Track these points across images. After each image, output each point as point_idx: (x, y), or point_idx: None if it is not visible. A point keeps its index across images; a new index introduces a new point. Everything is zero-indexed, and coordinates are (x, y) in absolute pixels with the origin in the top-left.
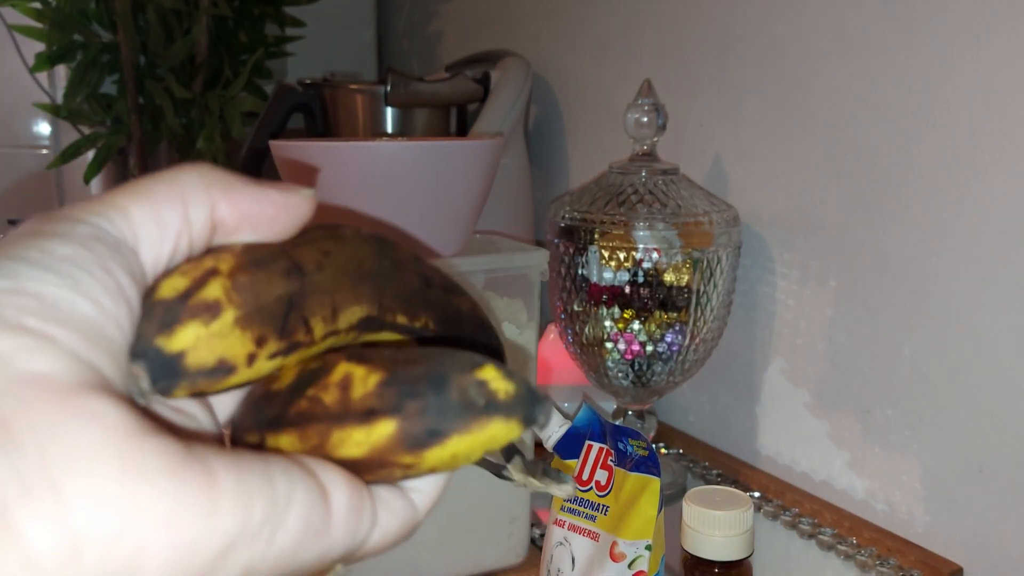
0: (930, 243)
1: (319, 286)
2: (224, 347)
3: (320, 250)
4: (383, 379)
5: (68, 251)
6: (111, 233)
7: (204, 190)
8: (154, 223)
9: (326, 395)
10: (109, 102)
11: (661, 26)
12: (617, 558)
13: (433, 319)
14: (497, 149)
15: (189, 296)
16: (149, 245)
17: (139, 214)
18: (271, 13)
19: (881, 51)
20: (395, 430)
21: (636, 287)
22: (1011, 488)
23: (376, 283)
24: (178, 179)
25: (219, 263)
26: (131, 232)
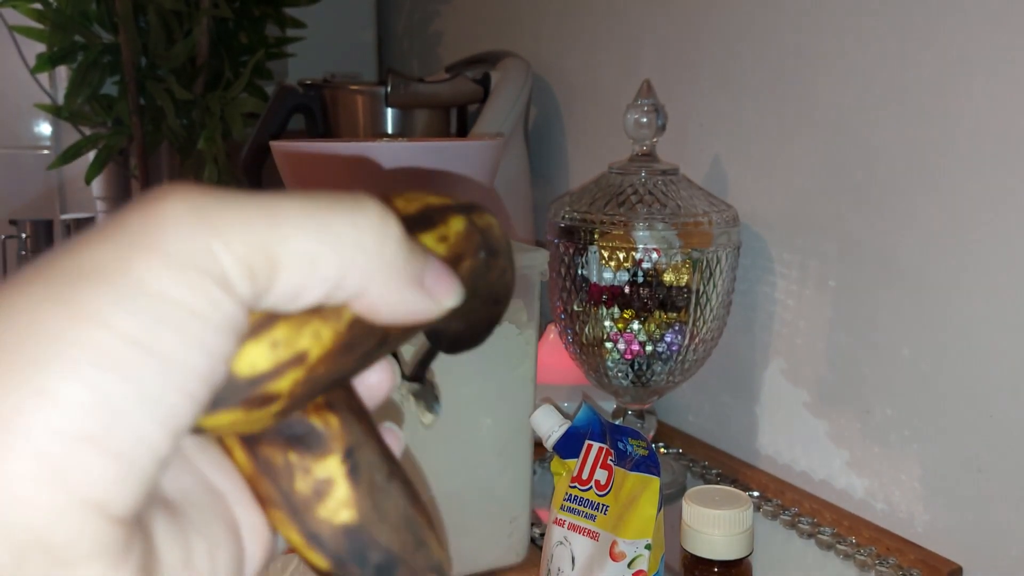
0: (930, 243)
1: (385, 353)
2: (248, 428)
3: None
4: (349, 524)
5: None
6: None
7: (368, 276)
8: (295, 291)
9: (300, 479)
10: (110, 103)
11: (661, 27)
12: (617, 557)
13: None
14: (497, 150)
15: (258, 384)
16: (274, 303)
17: (286, 281)
18: (271, 14)
19: (880, 51)
20: (324, 567)
21: (636, 287)
22: (1010, 487)
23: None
24: (349, 249)
25: (315, 344)
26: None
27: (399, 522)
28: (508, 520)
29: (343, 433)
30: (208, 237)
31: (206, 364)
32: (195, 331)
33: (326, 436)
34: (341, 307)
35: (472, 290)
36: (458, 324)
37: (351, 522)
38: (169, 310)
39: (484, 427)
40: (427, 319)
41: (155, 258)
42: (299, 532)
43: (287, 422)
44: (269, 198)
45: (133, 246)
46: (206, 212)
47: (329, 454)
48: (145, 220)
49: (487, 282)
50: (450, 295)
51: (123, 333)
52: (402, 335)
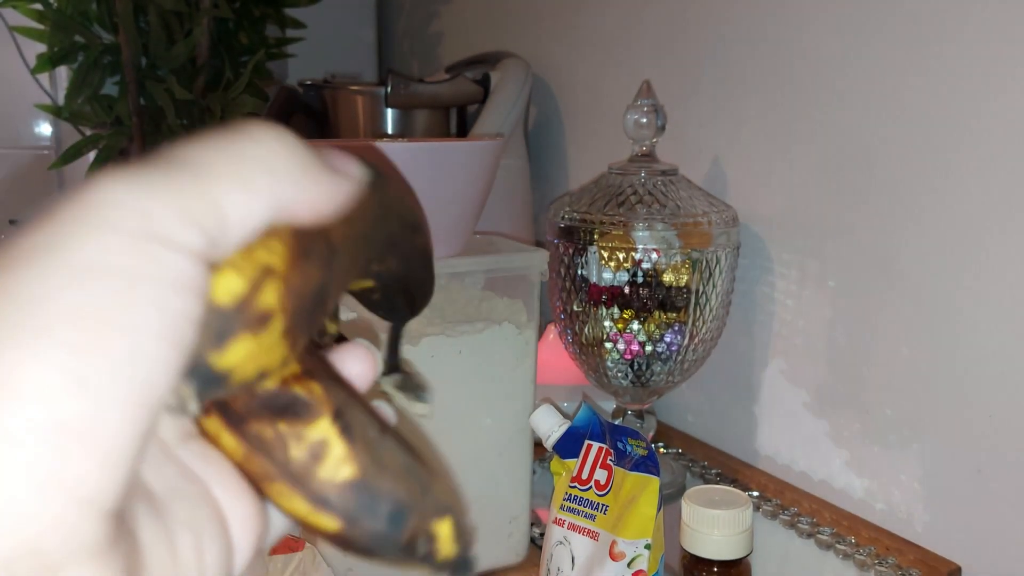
0: (929, 243)
1: (342, 265)
2: (267, 359)
3: (345, 218)
4: (353, 479)
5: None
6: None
7: (295, 179)
8: (244, 221)
9: (294, 447)
10: (110, 103)
11: (660, 27)
12: (617, 557)
13: (395, 263)
14: (497, 150)
15: (246, 304)
16: (230, 244)
17: (233, 213)
18: (272, 15)
19: (880, 52)
20: (336, 531)
21: (635, 287)
22: (1009, 488)
23: (374, 246)
24: (270, 163)
25: (273, 256)
26: (219, 234)
27: (401, 471)
28: (508, 520)
29: (328, 397)
30: (144, 201)
31: (169, 325)
32: (152, 295)
33: (311, 402)
34: (276, 225)
35: (382, 208)
36: (394, 264)
37: (354, 477)
38: (121, 279)
39: (484, 427)
40: (350, 196)
41: (97, 232)
42: (304, 498)
43: (270, 395)
44: (183, 150)
45: (73, 225)
46: (136, 181)
47: (319, 417)
48: (80, 202)
49: (391, 201)
50: (356, 166)
51: (79, 310)
52: (344, 243)
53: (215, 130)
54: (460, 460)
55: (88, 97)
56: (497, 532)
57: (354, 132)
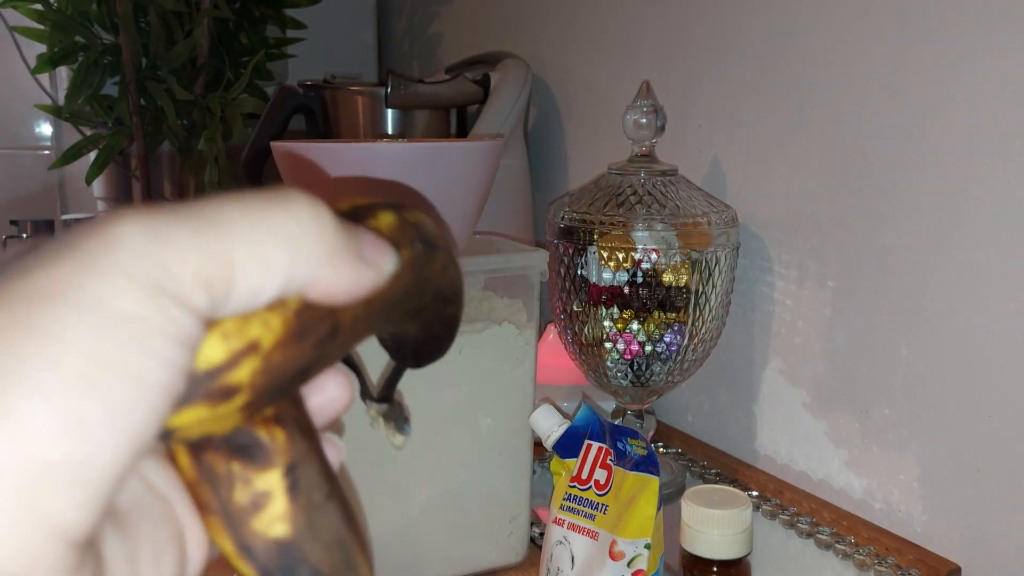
0: (928, 243)
1: (339, 347)
2: (216, 427)
3: (365, 301)
4: (282, 539)
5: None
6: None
7: (317, 263)
8: (253, 294)
9: (239, 489)
10: (111, 103)
11: (660, 28)
12: (616, 557)
13: (416, 328)
14: (497, 150)
15: (216, 376)
16: (230, 310)
17: (243, 284)
18: (272, 15)
19: (879, 52)
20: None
21: (635, 287)
22: (1009, 487)
23: (392, 314)
24: (296, 242)
25: (266, 332)
26: (224, 299)
27: (332, 542)
28: (508, 520)
29: (288, 448)
30: (162, 254)
31: (168, 378)
32: (158, 347)
33: (270, 449)
34: (285, 297)
35: (418, 284)
36: (414, 328)
37: (284, 537)
38: (132, 328)
39: (484, 427)
40: (371, 288)
41: (113, 277)
42: (232, 542)
43: (233, 432)
44: (212, 207)
45: (90, 266)
46: (158, 230)
47: (271, 467)
48: (99, 241)
49: (430, 275)
50: (387, 259)
51: (88, 353)
52: (353, 323)
53: (252, 190)
54: (460, 460)
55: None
56: (497, 532)
57: (354, 132)
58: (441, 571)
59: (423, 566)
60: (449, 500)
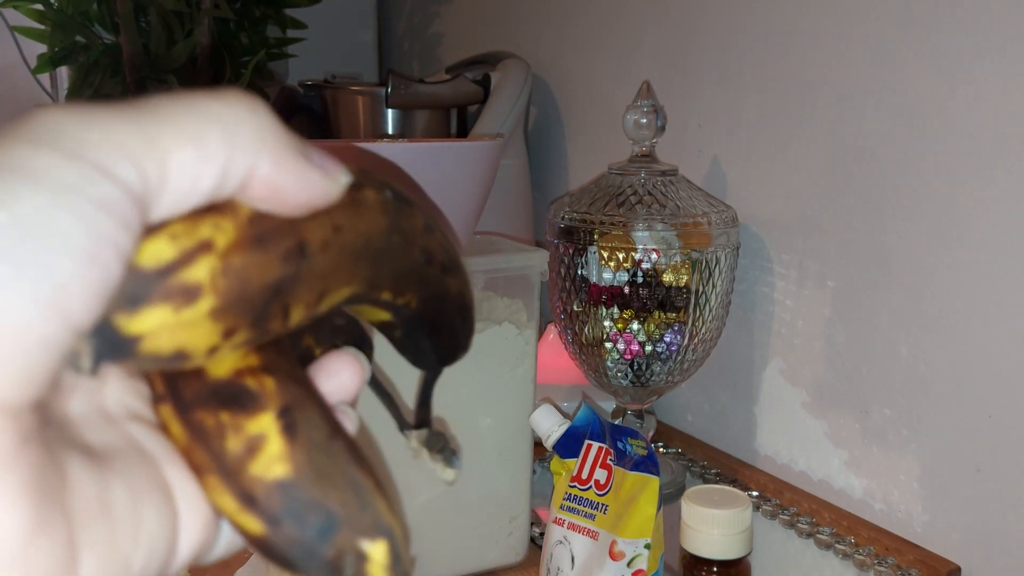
0: (928, 244)
1: (316, 270)
2: (187, 337)
3: (332, 224)
4: (284, 479)
5: (63, 222)
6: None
7: (255, 150)
8: (190, 178)
9: (231, 438)
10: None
11: (660, 28)
12: (616, 557)
13: (417, 297)
14: (497, 150)
15: (170, 272)
16: (171, 199)
17: (177, 165)
18: (272, 15)
19: (879, 53)
20: (259, 532)
21: (635, 287)
22: (1009, 487)
23: (376, 262)
24: (231, 126)
25: (218, 233)
26: (158, 182)
27: (340, 482)
28: (508, 519)
29: (278, 392)
30: (86, 129)
31: (91, 241)
32: (75, 206)
33: (259, 395)
34: (236, 204)
35: (395, 232)
36: (417, 301)
37: (285, 476)
38: (48, 186)
39: (484, 427)
40: (325, 197)
41: (30, 144)
42: (232, 494)
43: (219, 383)
44: (148, 101)
45: (10, 137)
46: (85, 112)
47: (262, 410)
48: (24, 121)
49: (409, 228)
50: (338, 169)
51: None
52: (323, 247)
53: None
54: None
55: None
56: (497, 532)
57: (354, 132)
58: (441, 571)
59: (423, 566)
60: (449, 500)
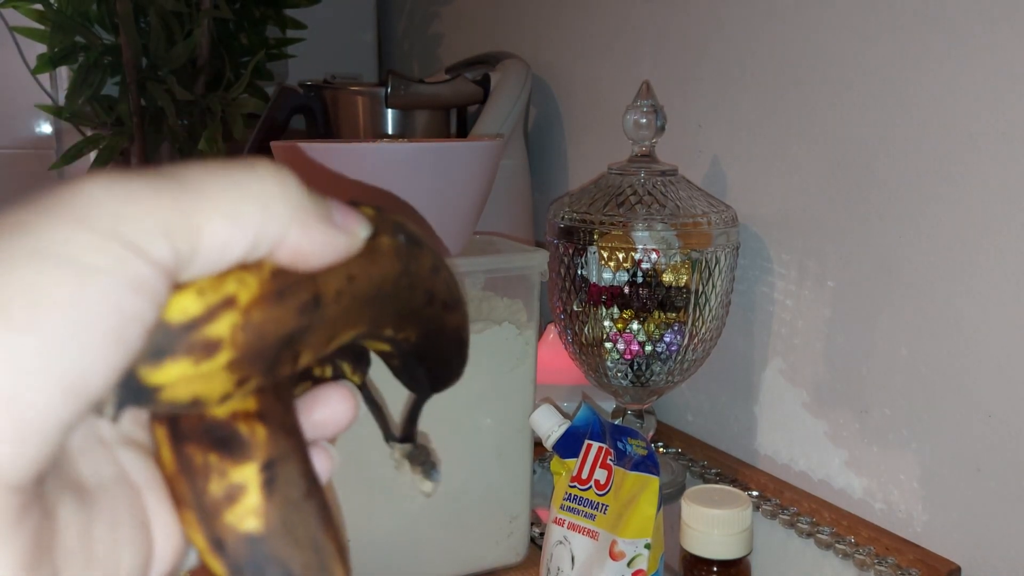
0: (928, 243)
1: (328, 319)
2: (204, 387)
3: (346, 274)
4: (254, 534)
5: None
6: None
7: (284, 223)
8: (221, 249)
9: (214, 481)
10: (111, 104)
11: (660, 28)
12: (616, 557)
13: (416, 333)
14: (497, 150)
15: (195, 327)
16: (200, 267)
17: (210, 239)
18: (272, 15)
19: (879, 53)
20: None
21: (635, 287)
22: (1009, 487)
23: (383, 304)
24: (264, 201)
25: (241, 290)
26: (190, 255)
27: (306, 543)
28: (508, 520)
29: (268, 444)
30: (123, 205)
31: (116, 323)
32: (105, 289)
33: (249, 443)
34: (261, 260)
35: (406, 278)
36: (416, 337)
37: (255, 532)
38: (78, 269)
39: (484, 427)
40: (344, 251)
41: (68, 222)
42: (204, 535)
43: (214, 424)
44: (179, 171)
45: (47, 213)
46: (122, 186)
47: (248, 461)
48: (62, 194)
49: (418, 271)
50: (359, 225)
51: (28, 290)
52: (337, 296)
53: (220, 159)
54: (460, 460)
55: (89, 97)
56: (497, 532)
57: (354, 132)
58: (441, 571)
59: (423, 566)
60: (449, 500)
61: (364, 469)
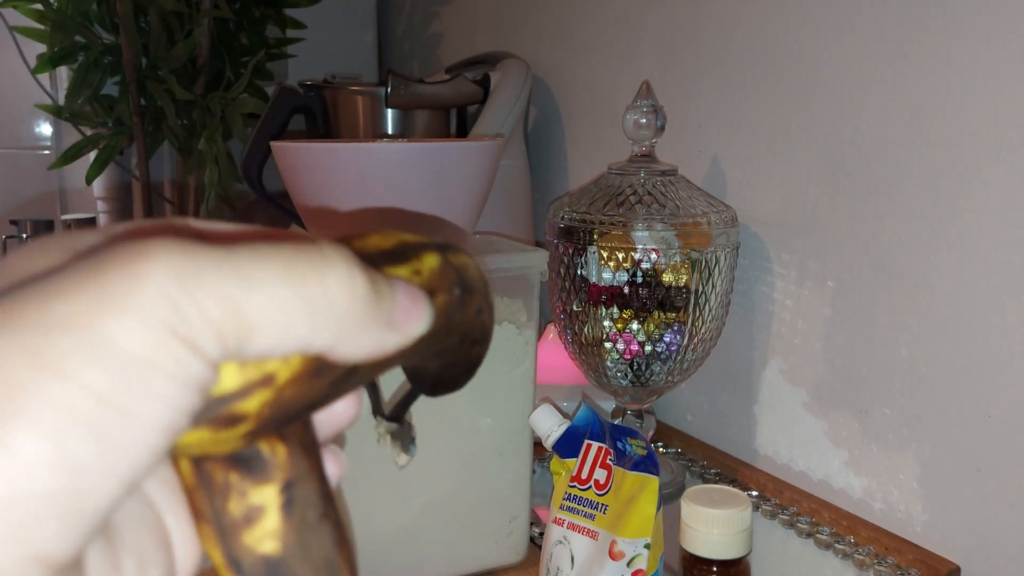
0: (927, 243)
1: (353, 384)
2: (216, 448)
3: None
4: (271, 556)
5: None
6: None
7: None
8: (267, 349)
9: (234, 501)
10: (111, 103)
11: (660, 28)
12: (616, 556)
13: (438, 364)
14: (497, 150)
15: (226, 402)
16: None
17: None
18: (272, 15)
19: (878, 53)
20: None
21: (635, 287)
22: (1008, 487)
23: (414, 358)
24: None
25: (282, 368)
26: (237, 350)
27: (321, 564)
28: (507, 519)
29: (288, 465)
30: (184, 302)
31: (170, 419)
32: (161, 388)
33: (270, 464)
34: None
35: (447, 328)
36: (436, 364)
37: (273, 554)
38: (136, 368)
39: (484, 427)
40: (397, 351)
41: (126, 316)
42: (222, 553)
43: None
44: (247, 254)
45: (105, 301)
46: (186, 275)
47: (268, 482)
48: (125, 276)
49: (462, 320)
50: (418, 323)
51: (89, 388)
52: (373, 367)
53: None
54: (460, 460)
55: (88, 97)
56: (497, 532)
57: (354, 133)
58: (441, 571)
59: (423, 566)
60: (449, 500)
61: (365, 470)
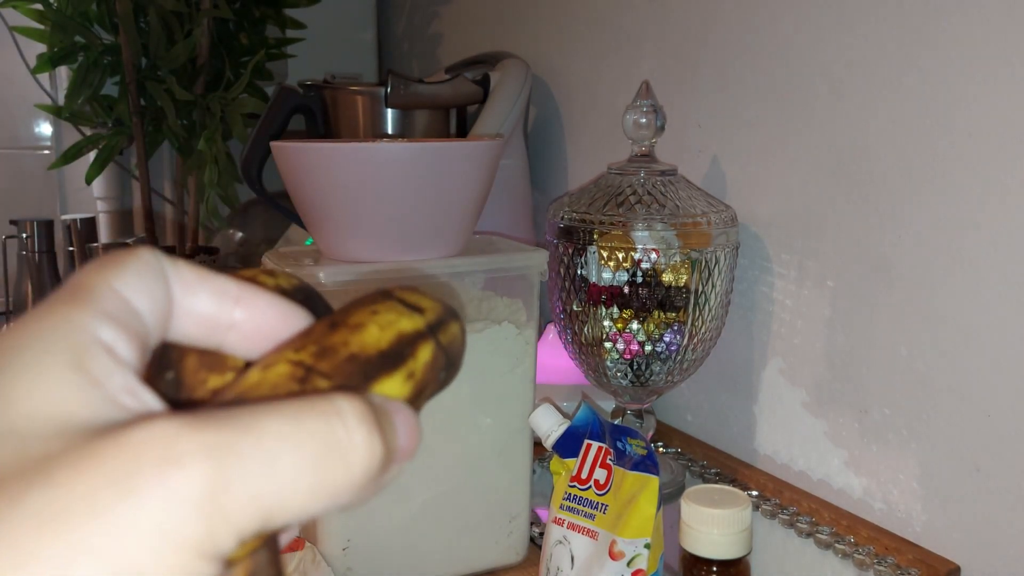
0: (927, 243)
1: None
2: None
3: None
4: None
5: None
6: (217, 564)
7: (322, 509)
8: (265, 530)
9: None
10: (110, 103)
11: (660, 28)
12: (616, 556)
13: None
14: (497, 150)
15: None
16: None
17: (267, 527)
18: (272, 15)
19: (878, 53)
20: None
21: (635, 287)
22: (1008, 487)
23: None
24: (332, 502)
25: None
26: (247, 537)
27: None
28: (507, 519)
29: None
30: (214, 520)
31: None
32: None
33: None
34: None
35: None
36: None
37: None
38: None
39: (484, 427)
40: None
41: (154, 537)
42: None
43: None
44: (270, 444)
45: (141, 527)
46: (216, 487)
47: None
48: (156, 484)
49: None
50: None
51: (125, 569)
52: None
53: (311, 399)
54: (460, 460)
55: (88, 97)
56: (497, 531)
57: (354, 132)
58: (441, 571)
59: (423, 566)
60: (449, 500)
61: None
